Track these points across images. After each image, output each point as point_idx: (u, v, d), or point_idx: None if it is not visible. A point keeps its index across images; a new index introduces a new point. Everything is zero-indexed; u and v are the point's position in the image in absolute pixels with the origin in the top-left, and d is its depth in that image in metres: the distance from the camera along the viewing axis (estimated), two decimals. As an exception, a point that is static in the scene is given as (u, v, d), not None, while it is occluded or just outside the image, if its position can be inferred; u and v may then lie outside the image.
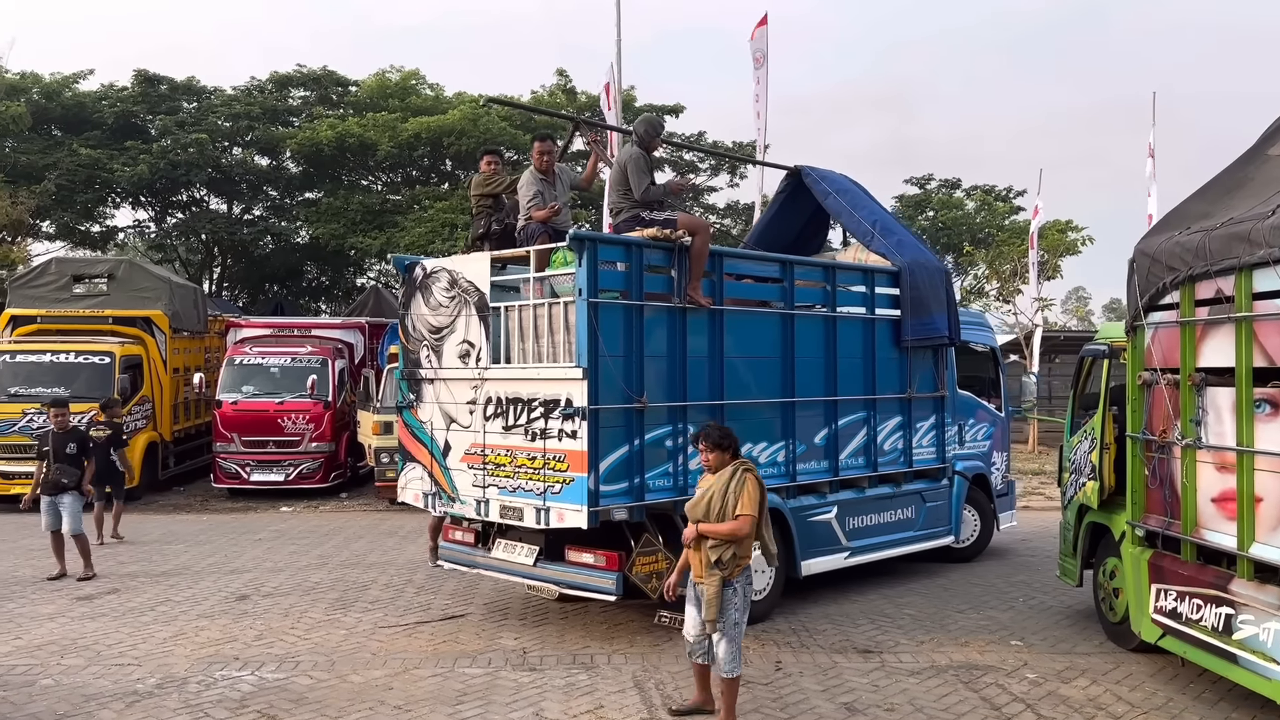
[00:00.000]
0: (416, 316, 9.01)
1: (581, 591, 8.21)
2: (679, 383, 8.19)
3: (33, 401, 15.99)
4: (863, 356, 9.73)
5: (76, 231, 31.95)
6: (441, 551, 9.55)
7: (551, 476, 7.78)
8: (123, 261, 19.57)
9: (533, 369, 8.01)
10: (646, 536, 7.95)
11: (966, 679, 7.33)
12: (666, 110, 32.52)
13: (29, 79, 30.74)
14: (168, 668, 7.65)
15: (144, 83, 30.79)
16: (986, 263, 29.20)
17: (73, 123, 30.52)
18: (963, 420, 11.15)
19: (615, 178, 8.70)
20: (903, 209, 40.55)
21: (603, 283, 7.72)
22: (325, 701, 6.87)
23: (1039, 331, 24.02)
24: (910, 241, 10.66)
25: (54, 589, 10.36)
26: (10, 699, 6.96)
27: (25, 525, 14.44)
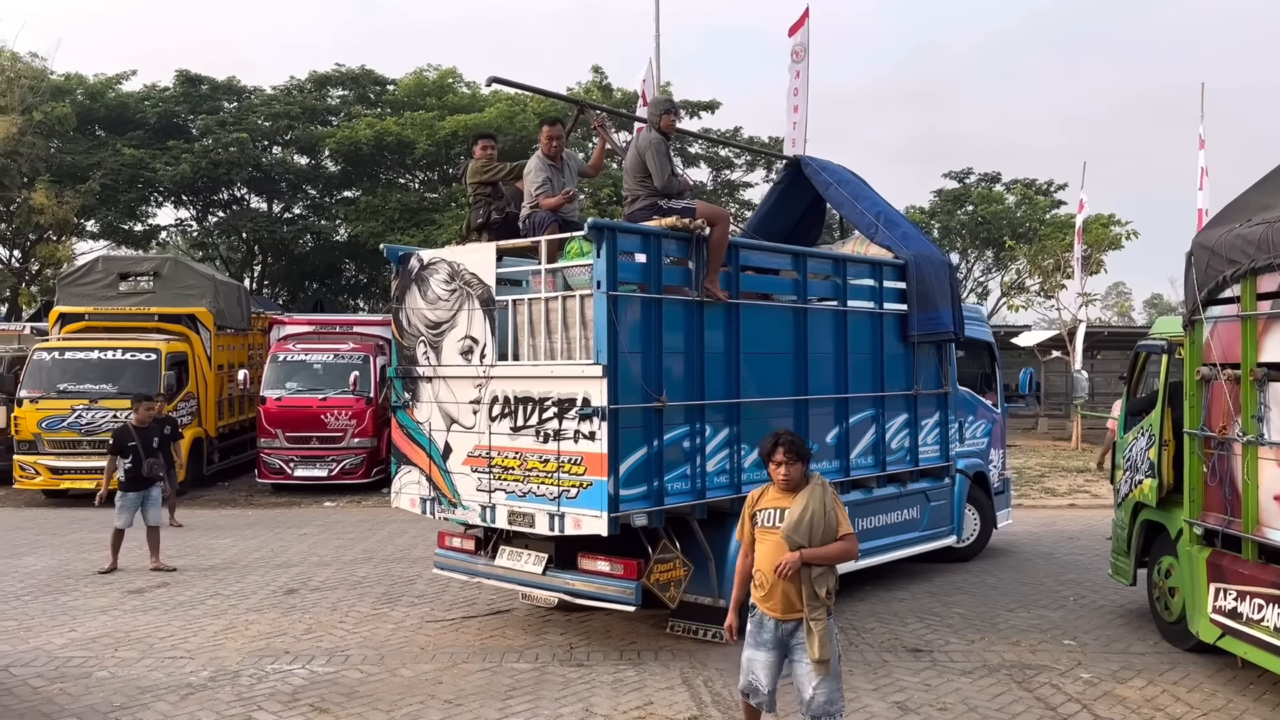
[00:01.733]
0: (412, 311, 8.45)
1: (596, 602, 7.79)
2: (696, 380, 7.81)
3: (81, 397, 16.25)
4: (871, 352, 9.47)
5: (120, 230, 32.39)
6: (437, 559, 8.93)
7: (567, 480, 7.33)
8: (168, 259, 19.82)
9: (545, 366, 7.54)
10: (664, 543, 7.61)
11: (1020, 678, 7.24)
12: (702, 106, 32.48)
13: (74, 80, 31.23)
14: (219, 661, 7.73)
15: (185, 83, 31.16)
16: (1028, 258, 28.85)
17: (116, 123, 30.95)
18: (962, 417, 10.93)
19: (632, 164, 8.25)
20: (941, 203, 40.20)
21: (621, 274, 7.30)
22: (376, 695, 6.91)
23: (1082, 327, 23.69)
24: (915, 234, 10.48)
25: (105, 583, 10.50)
26: (68, 690, 7.06)
27: (75, 519, 14.69)
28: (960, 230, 39.72)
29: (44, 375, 16.55)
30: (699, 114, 32.62)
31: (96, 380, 16.47)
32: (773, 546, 5.15)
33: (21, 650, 8.02)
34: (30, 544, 12.73)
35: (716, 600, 7.81)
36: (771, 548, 5.16)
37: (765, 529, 5.25)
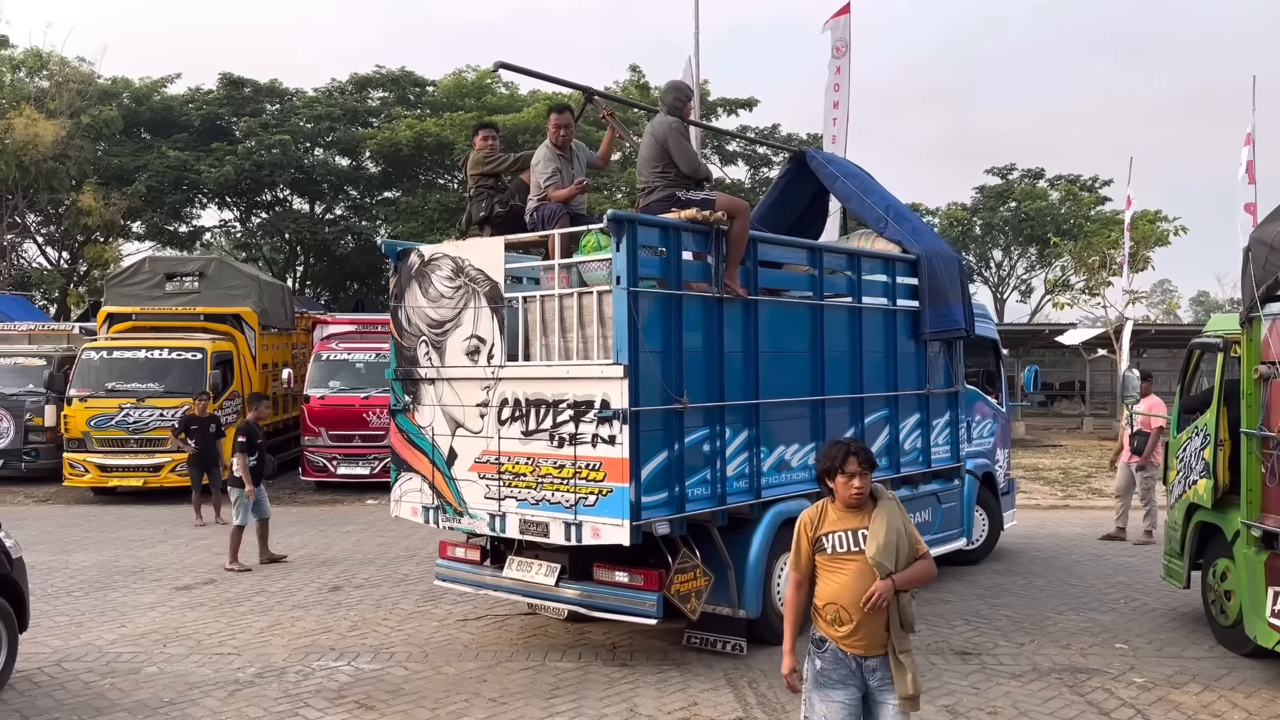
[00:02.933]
0: (413, 309, 8.01)
1: (614, 615, 7.39)
2: (716, 380, 7.45)
3: (128, 396, 16.49)
4: (884, 350, 9.19)
5: (165, 231, 32.93)
6: (439, 571, 8.46)
7: (584, 487, 6.92)
8: (213, 260, 20.07)
9: (560, 367, 7.12)
10: (684, 551, 7.22)
11: (1071, 682, 7.11)
12: (740, 104, 32.35)
13: (120, 84, 31.76)
14: (266, 657, 7.80)
15: (229, 85, 31.55)
16: (1073, 255, 28.45)
17: (161, 125, 31.42)
18: (970, 416, 10.69)
19: (649, 153, 7.83)
20: (983, 200, 39.75)
21: (640, 270, 6.94)
22: (421, 693, 6.93)
23: (1129, 325, 23.28)
24: (924, 229, 10.25)
25: (153, 579, 10.64)
26: (119, 685, 7.15)
27: (124, 516, 14.92)
28: (1003, 227, 39.28)
29: (92, 374, 16.82)
30: (736, 111, 32.51)
31: (144, 379, 16.71)
32: (854, 575, 4.39)
33: (73, 645, 8.13)
34: (80, 540, 12.94)
35: (736, 611, 7.57)
36: (853, 577, 4.39)
37: (840, 556, 4.45)
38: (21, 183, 28.47)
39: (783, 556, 7.72)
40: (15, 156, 27.07)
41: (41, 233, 33.32)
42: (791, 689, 4.68)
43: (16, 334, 20.24)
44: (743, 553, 7.59)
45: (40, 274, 33.69)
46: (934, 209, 40.11)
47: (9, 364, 18.47)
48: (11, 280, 30.58)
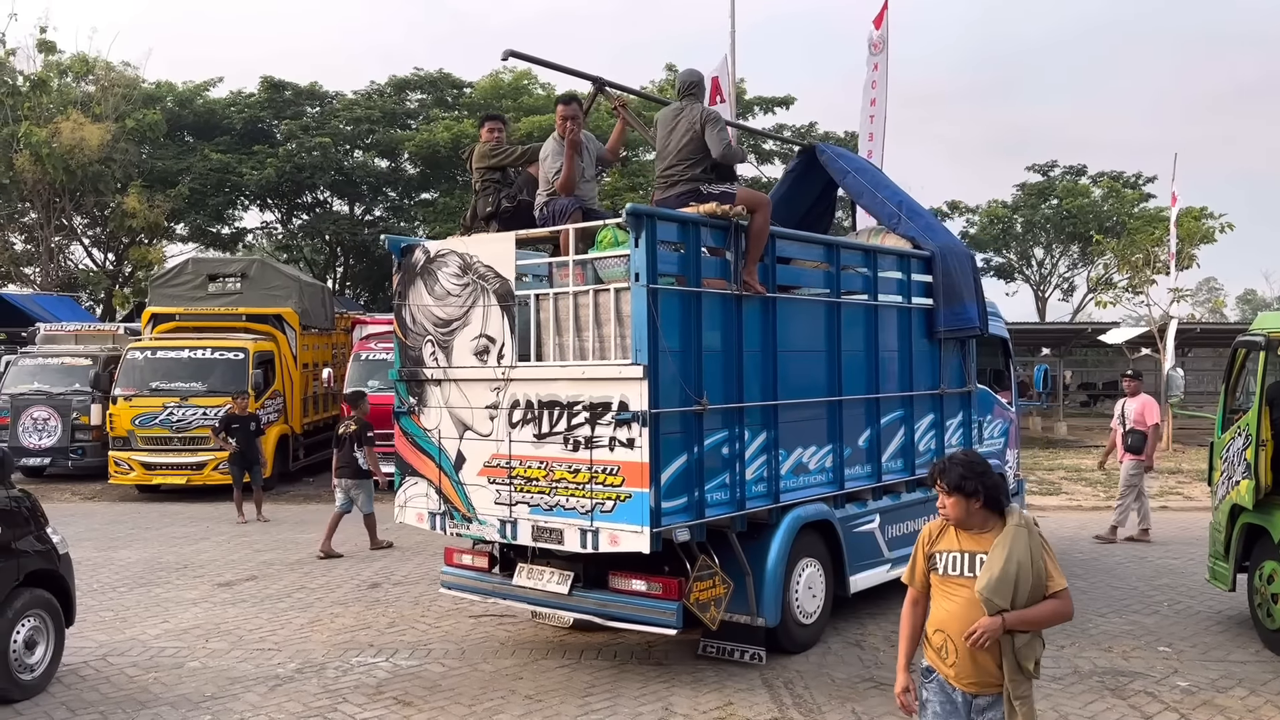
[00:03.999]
0: (417, 308, 7.71)
1: (631, 624, 7.10)
2: (735, 380, 7.16)
3: (172, 395, 16.74)
4: (899, 349, 8.94)
5: (208, 233, 33.43)
6: (444, 578, 8.17)
7: (601, 492, 6.63)
8: (255, 261, 20.33)
9: (575, 367, 6.84)
10: (703, 559, 6.96)
11: (1113, 685, 7.01)
12: (777, 102, 32.24)
13: (164, 88, 32.30)
14: (306, 653, 7.89)
15: (270, 89, 31.96)
16: (1116, 252, 28.04)
17: (204, 129, 31.91)
18: (980, 416, 10.44)
19: (677, 144, 7.43)
20: (1024, 197, 39.30)
21: (659, 266, 6.64)
22: (458, 690, 6.98)
23: (1174, 323, 22.92)
24: (938, 225, 10.02)
25: (196, 575, 10.79)
26: (162, 680, 7.27)
27: (167, 513, 15.16)
28: (1045, 225, 38.85)
29: (137, 374, 17.10)
30: (773, 110, 32.39)
31: (187, 379, 16.97)
32: (963, 605, 4.01)
33: (118, 640, 8.28)
34: (125, 537, 13.15)
35: (754, 619, 7.31)
36: (962, 606, 4.01)
37: (951, 579, 4.08)
38: (68, 186, 29.03)
39: (801, 562, 7.66)
40: (62, 160, 27.59)
41: (88, 235, 33.97)
42: (904, 709, 4.28)
43: (64, 334, 20.63)
44: (760, 559, 7.36)
45: (87, 275, 34.33)
46: (974, 206, 39.77)
47: (56, 364, 18.83)
48: (59, 281, 31.18)
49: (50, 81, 29.52)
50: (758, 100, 31.78)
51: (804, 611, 7.72)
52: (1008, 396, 11.46)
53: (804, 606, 7.71)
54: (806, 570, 7.75)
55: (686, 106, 7.57)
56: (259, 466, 14.76)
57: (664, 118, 7.68)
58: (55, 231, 31.20)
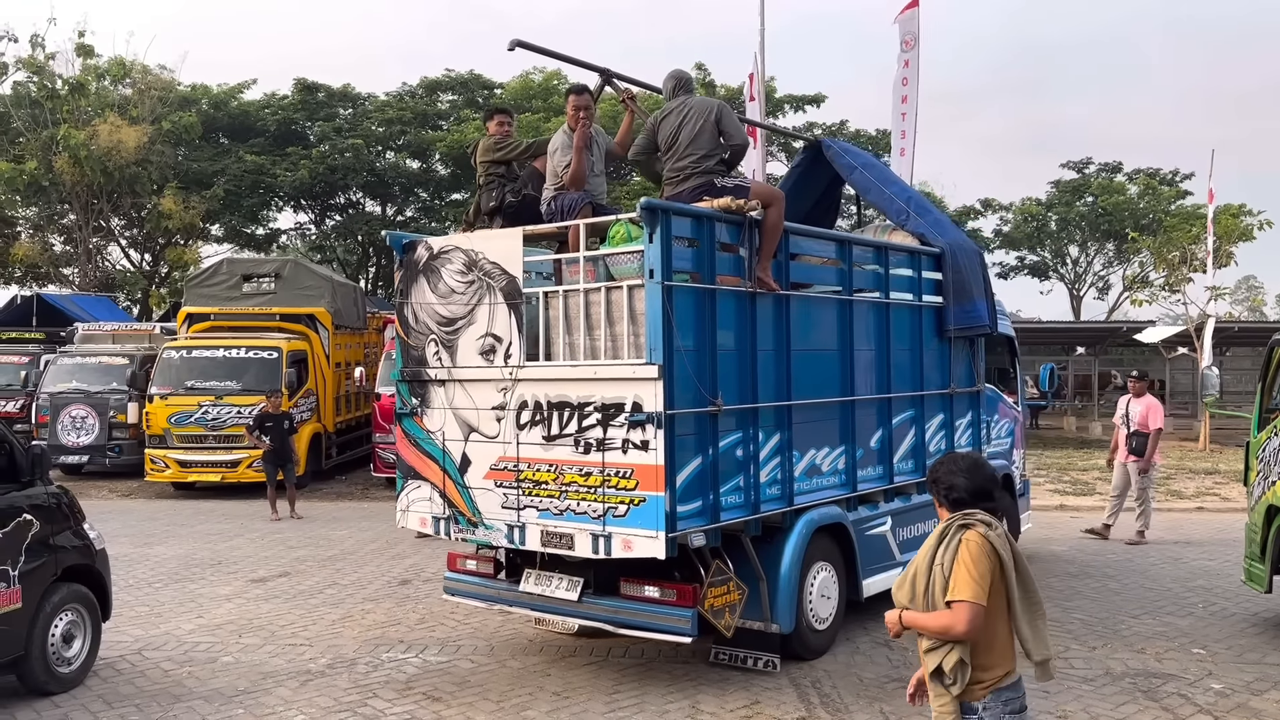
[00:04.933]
0: (420, 306, 7.45)
1: (644, 632, 6.84)
2: (749, 380, 6.97)
3: (207, 394, 16.96)
4: (910, 348, 8.74)
5: (242, 234, 33.85)
6: (447, 584, 7.91)
7: (614, 496, 6.43)
8: (288, 261, 20.54)
9: (586, 367, 6.60)
10: (718, 564, 6.74)
11: (1145, 687, 6.93)
12: (808, 100, 32.13)
13: (199, 90, 32.70)
14: (337, 649, 7.97)
15: (303, 91, 32.30)
16: (1152, 250, 27.70)
17: (238, 131, 32.28)
18: (988, 416, 10.28)
19: (690, 136, 7.18)
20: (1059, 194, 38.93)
21: (673, 262, 6.44)
22: (486, 686, 7.02)
23: (1211, 322, 22.60)
24: (947, 221, 9.84)
25: (230, 571, 10.93)
26: (196, 674, 7.38)
27: (202, 510, 15.35)
28: (1079, 222, 38.47)
29: (173, 373, 17.33)
30: (803, 108, 32.29)
31: (222, 377, 17.18)
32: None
33: (153, 635, 8.40)
34: (161, 533, 13.34)
35: (768, 625, 7.10)
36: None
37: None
38: (106, 187, 29.48)
39: (814, 566, 7.48)
40: (100, 162, 28.03)
41: (125, 236, 34.48)
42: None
43: (102, 334, 20.95)
44: (774, 564, 7.16)
45: (124, 276, 34.84)
46: (1007, 204, 39.44)
47: (94, 363, 19.12)
48: (97, 282, 31.68)
49: (88, 85, 30.00)
50: (788, 98, 31.71)
51: (818, 617, 7.53)
52: (1013, 396, 11.33)
53: (818, 612, 7.53)
54: (820, 574, 7.58)
55: (690, 100, 7.36)
56: (292, 464, 14.92)
57: (667, 114, 7.39)
58: (93, 232, 31.70)
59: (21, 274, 34.16)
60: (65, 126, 28.01)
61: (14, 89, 31.03)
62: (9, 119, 30.07)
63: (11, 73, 31.48)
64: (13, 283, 35.35)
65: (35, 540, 6.70)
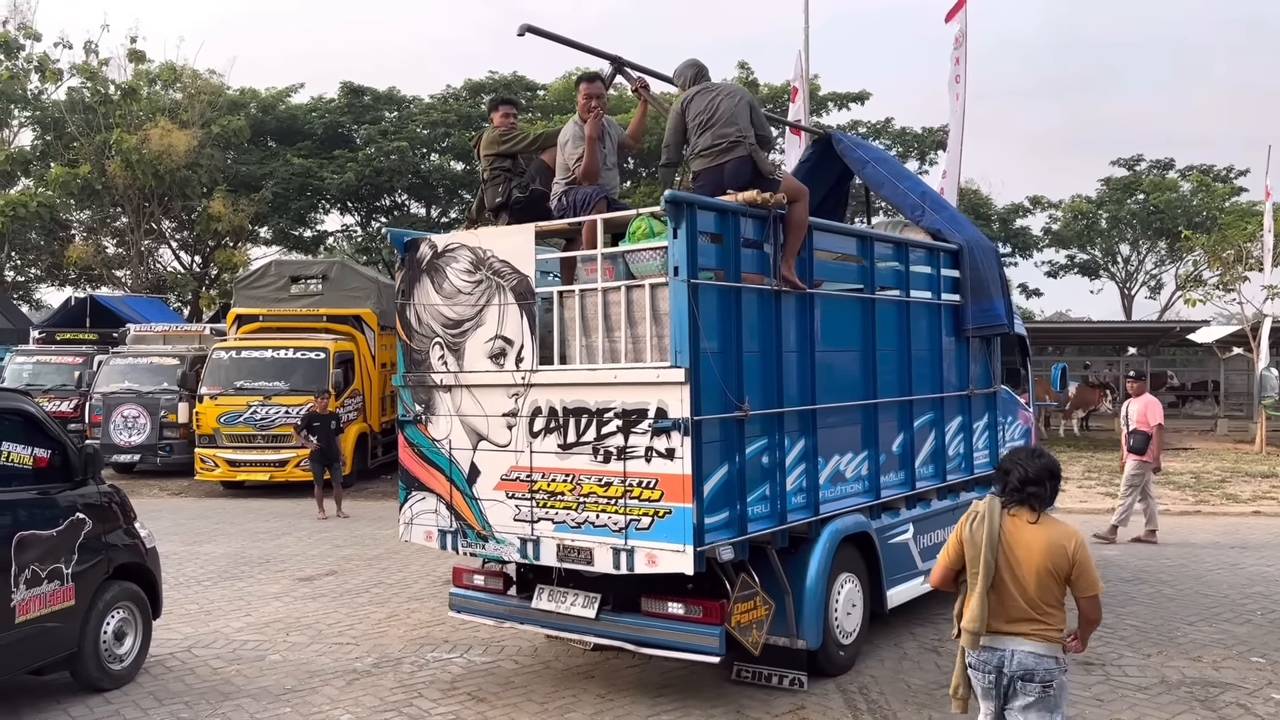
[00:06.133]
0: (423, 307, 7.08)
1: (668, 652, 6.50)
2: (774, 383, 6.65)
3: (256, 394, 17.17)
4: (929, 348, 8.44)
5: (290, 236, 34.28)
6: (454, 600, 7.52)
7: (637, 508, 6.08)
8: (335, 263, 20.76)
9: (605, 370, 6.26)
10: (744, 577, 6.39)
11: (1202, 696, 6.76)
12: (852, 98, 31.86)
13: (247, 94, 33.18)
14: (383, 648, 8.01)
15: (349, 94, 32.64)
16: (1206, 248, 27.13)
17: (286, 134, 32.70)
18: (1004, 418, 9.97)
19: (728, 111, 6.80)
20: (1109, 192, 38.29)
21: (699, 259, 6.11)
22: (530, 687, 7.02)
23: (1268, 322, 22.08)
24: (962, 218, 9.56)
25: (277, 570, 11.04)
26: (244, 672, 7.45)
27: (250, 509, 15.55)
28: (1130, 220, 37.81)
29: (222, 373, 17.58)
30: (847, 106, 32.03)
31: (270, 378, 17.39)
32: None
33: (203, 632, 8.51)
34: (210, 532, 13.53)
35: (794, 641, 6.72)
36: None
37: None
38: (157, 191, 30.01)
39: (840, 578, 7.18)
40: (152, 166, 28.52)
41: (175, 238, 35.06)
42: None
43: (153, 335, 21.32)
44: (799, 576, 6.81)
45: (174, 277, 35.43)
46: (1056, 202, 38.85)
47: (146, 363, 19.45)
48: (148, 284, 32.27)
49: (140, 90, 30.54)
50: (831, 96, 31.46)
51: (844, 631, 7.19)
52: (1025, 397, 11.05)
53: (843, 625, 7.18)
54: (845, 586, 7.25)
55: (715, 84, 7.06)
56: (339, 464, 15.08)
57: (695, 94, 6.98)
58: (145, 235, 32.27)
59: (76, 276, 34.90)
60: (118, 131, 28.54)
61: (69, 95, 31.68)
62: (64, 124, 30.71)
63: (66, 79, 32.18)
64: (67, 285, 36.19)
65: (88, 539, 6.81)
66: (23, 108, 33.00)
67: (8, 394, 7.23)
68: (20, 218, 29.43)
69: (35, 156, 32.65)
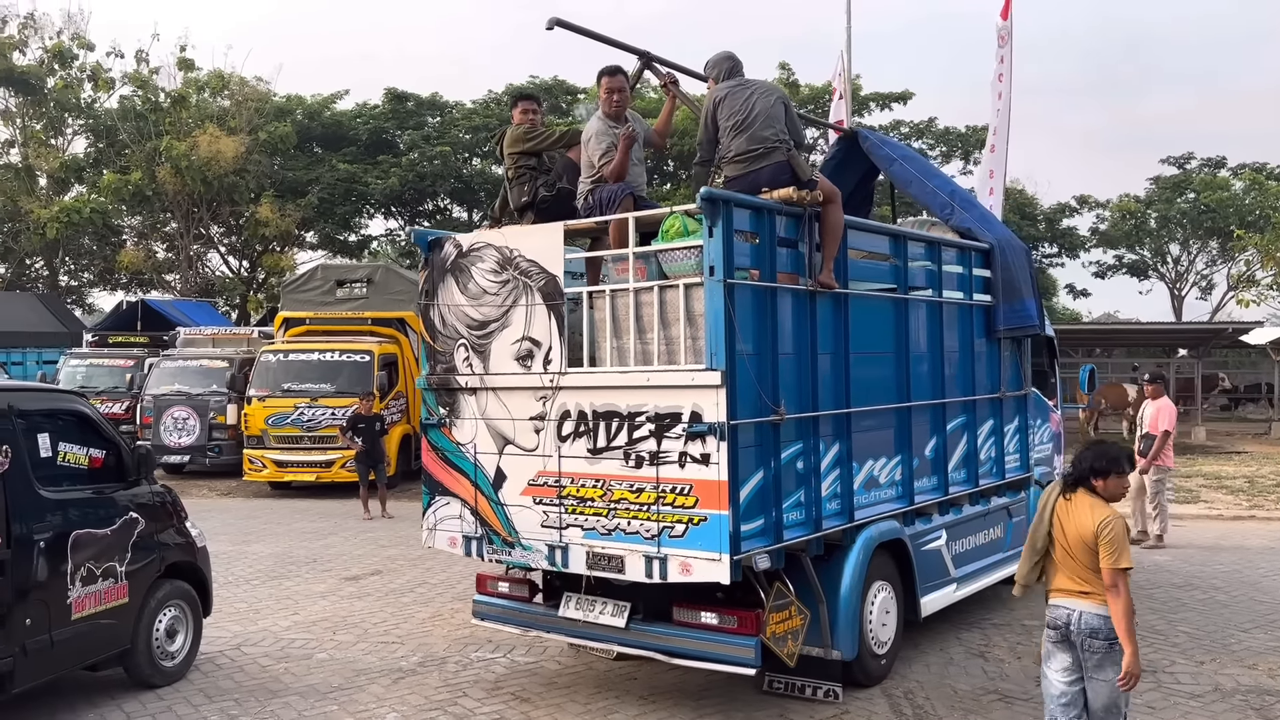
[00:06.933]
0: (448, 308, 6.94)
1: (700, 663, 6.30)
2: (809, 386, 6.47)
3: (303, 396, 17.37)
4: (960, 349, 8.24)
5: (336, 240, 34.73)
6: (477, 608, 7.35)
7: (670, 515, 5.92)
8: (379, 267, 20.97)
9: (637, 373, 6.10)
10: (779, 586, 6.21)
11: (1258, 705, 6.62)
12: (894, 98, 31.66)
13: (294, 101, 33.70)
14: (428, 647, 8.08)
15: (393, 100, 33.02)
16: (1260, 248, 26.58)
17: (331, 140, 33.14)
18: (1034, 421, 9.73)
19: (766, 111, 6.55)
20: (1158, 191, 37.68)
21: (734, 259, 5.95)
22: (573, 687, 7.04)
23: (1324, 322, 21.57)
24: (992, 216, 9.38)
25: (324, 569, 11.17)
26: (292, 670, 7.55)
27: (298, 509, 15.74)
28: (1181, 220, 37.18)
29: (270, 375, 17.80)
30: (890, 106, 31.82)
31: (316, 380, 17.57)
32: None
33: (251, 631, 8.63)
34: (258, 532, 13.72)
35: (828, 652, 6.54)
36: None
37: None
38: (206, 196, 30.56)
39: (874, 586, 7.00)
40: (200, 172, 29.05)
41: (224, 243, 35.67)
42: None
43: (202, 338, 21.68)
44: (834, 584, 6.64)
45: (223, 282, 36.03)
46: (1104, 201, 38.29)
47: (195, 366, 19.76)
48: (197, 288, 32.86)
49: (189, 97, 31.12)
50: (873, 96, 31.27)
51: (878, 640, 7.00)
52: (1052, 399, 10.82)
53: (878, 635, 6.99)
54: (880, 595, 7.07)
55: (750, 81, 6.82)
56: (383, 465, 15.22)
57: (728, 92, 6.71)
58: (194, 240, 32.87)
59: (127, 281, 35.63)
60: (168, 138, 29.09)
61: (120, 103, 32.36)
62: (116, 132, 31.37)
63: (118, 87, 32.88)
64: (118, 289, 36.97)
65: (141, 538, 6.93)
66: (76, 116, 33.80)
67: (64, 396, 7.39)
68: (74, 224, 30.13)
69: (88, 164, 33.43)
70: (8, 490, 5.90)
